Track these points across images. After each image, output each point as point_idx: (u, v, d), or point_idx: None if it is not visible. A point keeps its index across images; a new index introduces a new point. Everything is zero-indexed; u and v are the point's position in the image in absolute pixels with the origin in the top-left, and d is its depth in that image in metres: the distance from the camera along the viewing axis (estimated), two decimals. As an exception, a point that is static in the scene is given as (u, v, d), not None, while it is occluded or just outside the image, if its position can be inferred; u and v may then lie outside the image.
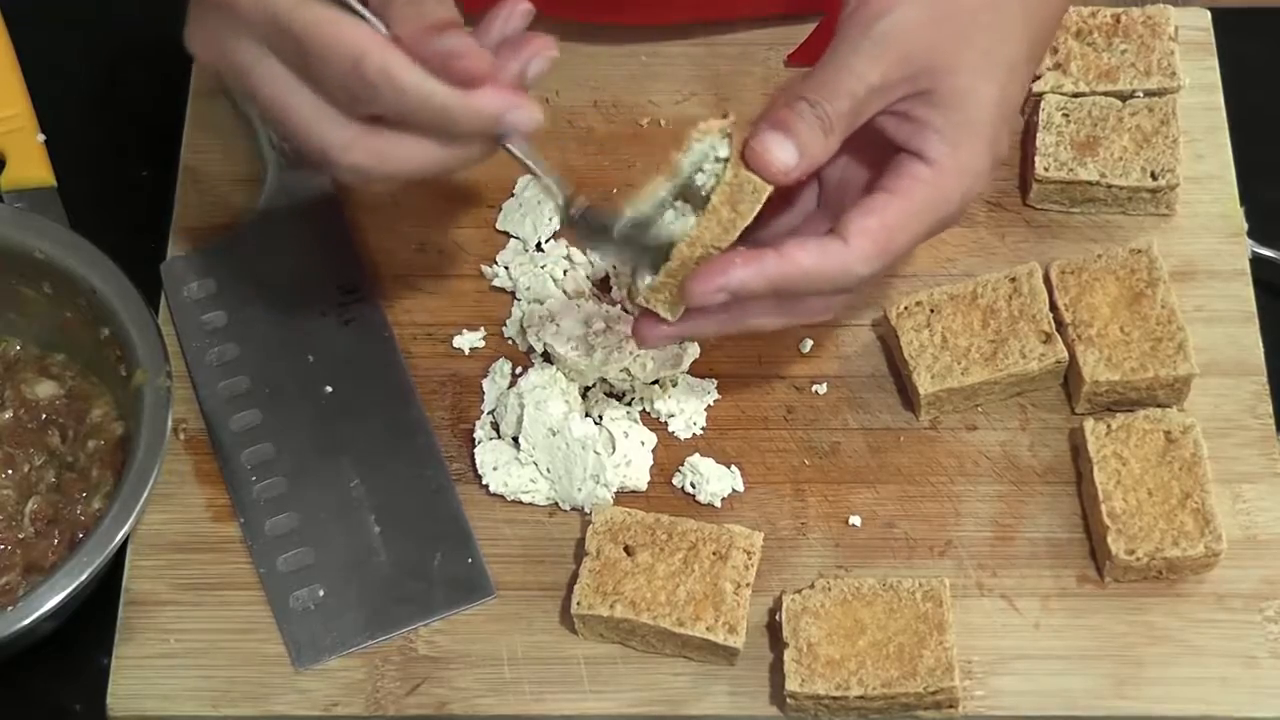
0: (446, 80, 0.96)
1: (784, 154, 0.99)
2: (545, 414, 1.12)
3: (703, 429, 1.16)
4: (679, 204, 1.02)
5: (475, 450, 1.14)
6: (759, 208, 1.00)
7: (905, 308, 1.16)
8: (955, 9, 1.02)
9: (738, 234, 1.00)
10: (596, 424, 1.14)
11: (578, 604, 1.08)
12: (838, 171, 1.07)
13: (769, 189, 0.99)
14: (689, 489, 1.14)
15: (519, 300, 1.20)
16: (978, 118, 1.02)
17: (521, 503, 1.14)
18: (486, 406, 1.17)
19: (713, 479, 1.13)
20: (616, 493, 1.13)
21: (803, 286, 1.01)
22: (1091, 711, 1.08)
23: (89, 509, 1.11)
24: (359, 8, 0.98)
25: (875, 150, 1.04)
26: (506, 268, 1.21)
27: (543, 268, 1.20)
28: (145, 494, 1.07)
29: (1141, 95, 1.22)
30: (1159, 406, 1.14)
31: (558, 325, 1.16)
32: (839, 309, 1.07)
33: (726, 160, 1.00)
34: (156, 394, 1.10)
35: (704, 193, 1.01)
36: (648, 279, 1.02)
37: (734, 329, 1.06)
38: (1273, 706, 1.08)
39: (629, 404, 1.16)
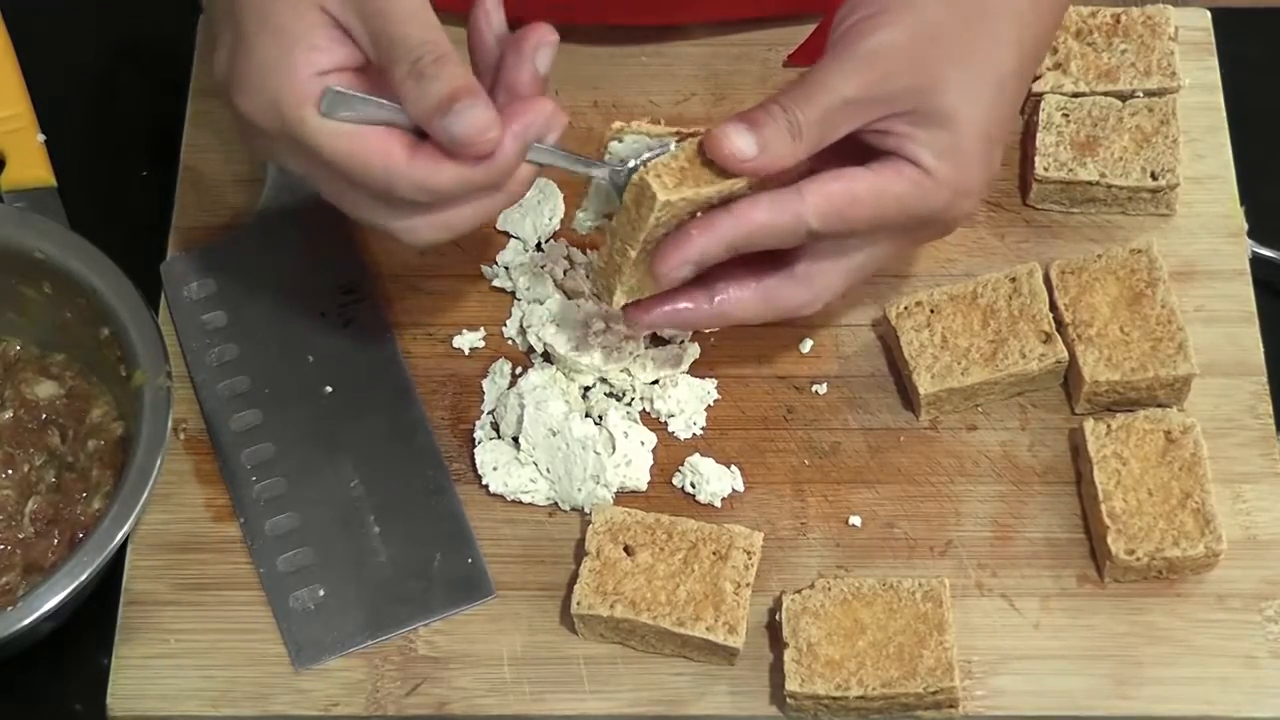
0: (467, 161, 0.99)
1: (742, 143, 1.01)
2: (545, 414, 1.12)
3: (703, 429, 1.16)
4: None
5: (475, 450, 1.14)
6: (654, 215, 1.01)
7: (905, 308, 1.16)
8: (941, 31, 1.03)
9: (642, 235, 1.01)
10: (596, 424, 1.14)
11: (578, 604, 1.08)
12: None
13: (660, 198, 1.00)
14: (689, 489, 1.14)
15: (519, 300, 1.20)
16: (964, 136, 1.03)
17: (521, 503, 1.14)
18: (486, 406, 1.16)
19: (713, 479, 1.13)
20: (616, 493, 1.13)
21: (760, 242, 1.03)
22: (1091, 711, 1.08)
23: (89, 509, 1.11)
24: (371, 98, 0.99)
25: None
26: (506, 268, 1.21)
27: (543, 268, 1.20)
28: (145, 494, 1.07)
29: (1141, 95, 1.22)
30: (1159, 406, 1.14)
31: (558, 325, 1.16)
32: (821, 303, 1.08)
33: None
34: (156, 394, 1.10)
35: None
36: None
37: (717, 322, 1.08)
38: (1273, 706, 1.08)
39: (629, 404, 1.16)
